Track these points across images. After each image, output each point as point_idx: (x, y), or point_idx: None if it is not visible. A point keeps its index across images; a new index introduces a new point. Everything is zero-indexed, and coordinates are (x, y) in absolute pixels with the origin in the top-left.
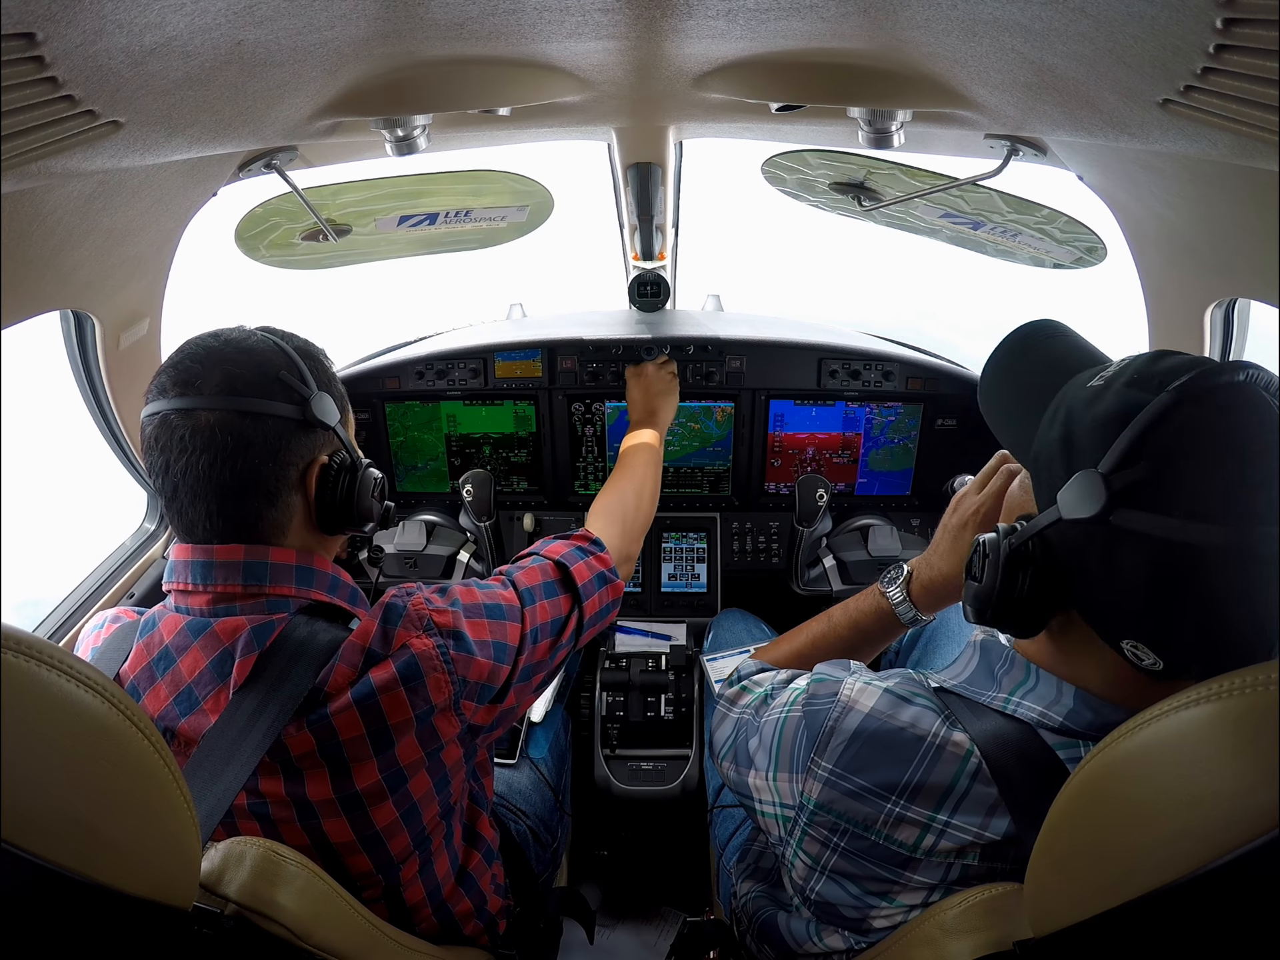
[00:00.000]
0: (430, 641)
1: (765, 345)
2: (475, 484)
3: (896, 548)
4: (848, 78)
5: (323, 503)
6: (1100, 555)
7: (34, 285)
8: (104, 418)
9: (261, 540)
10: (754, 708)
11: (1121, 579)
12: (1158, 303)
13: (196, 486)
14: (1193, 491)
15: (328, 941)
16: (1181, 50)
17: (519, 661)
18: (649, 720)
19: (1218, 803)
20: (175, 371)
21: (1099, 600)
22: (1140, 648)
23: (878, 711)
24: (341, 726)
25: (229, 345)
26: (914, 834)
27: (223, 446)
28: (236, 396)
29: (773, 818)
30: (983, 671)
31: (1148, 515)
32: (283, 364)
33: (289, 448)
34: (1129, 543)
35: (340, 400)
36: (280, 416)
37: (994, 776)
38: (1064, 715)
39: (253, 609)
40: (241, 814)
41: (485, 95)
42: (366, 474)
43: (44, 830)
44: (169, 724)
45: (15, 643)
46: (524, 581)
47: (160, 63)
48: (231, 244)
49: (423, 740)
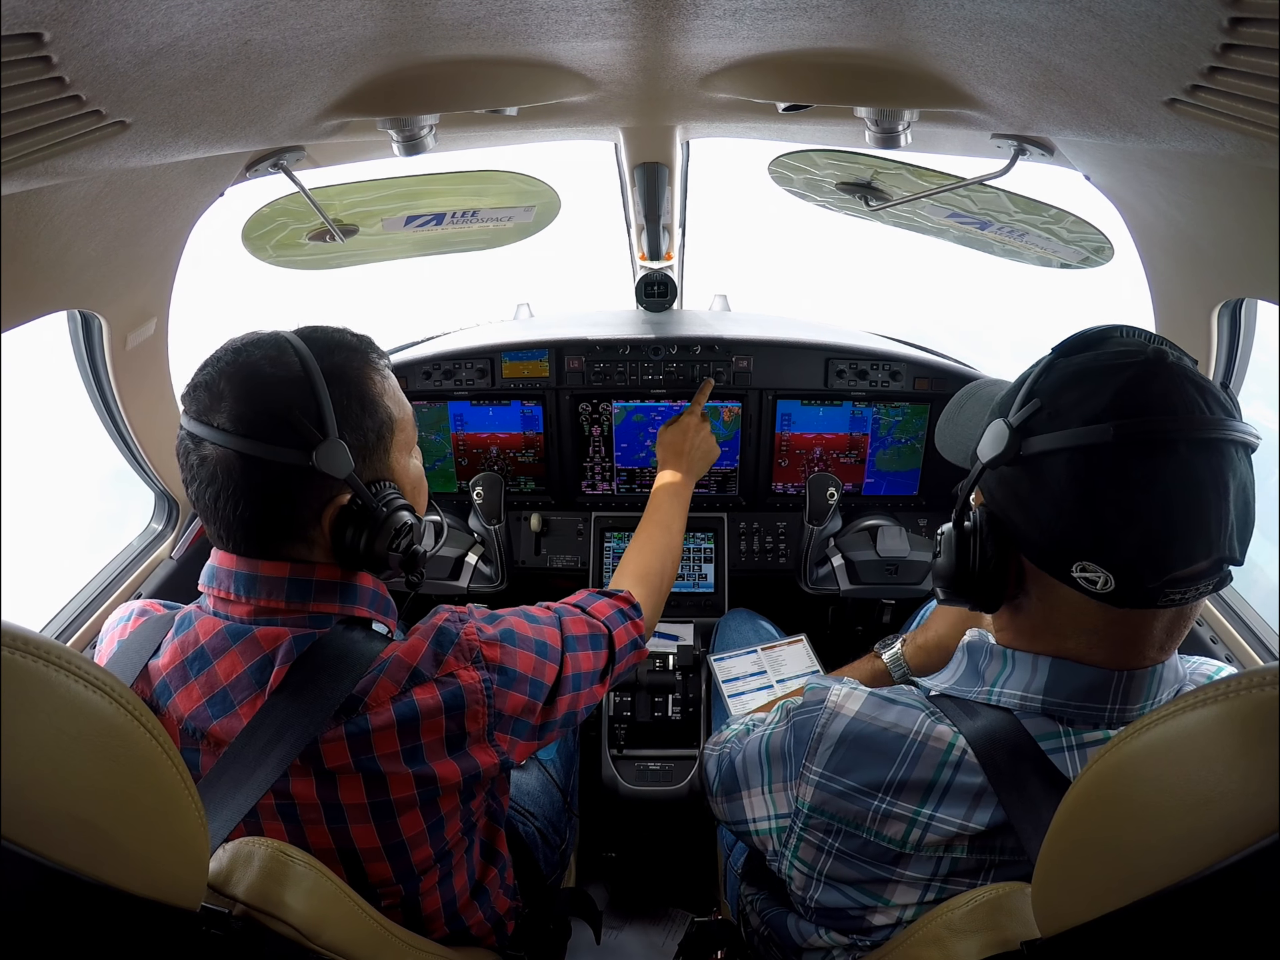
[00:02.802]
0: (478, 675)
1: (772, 345)
2: (485, 486)
3: (905, 548)
4: (854, 78)
5: (339, 543)
6: (1026, 489)
7: (41, 285)
8: (111, 418)
9: (296, 556)
10: (736, 738)
11: (1049, 501)
12: (1165, 303)
13: (220, 509)
14: (1079, 406)
15: (336, 942)
16: (1188, 50)
17: (556, 702)
18: (656, 720)
19: (1225, 803)
20: (195, 391)
21: (1040, 533)
22: (1090, 568)
23: (863, 714)
24: (380, 741)
25: (247, 369)
26: (901, 829)
27: (225, 485)
28: (240, 437)
29: (767, 832)
30: (970, 670)
31: (1050, 435)
32: (295, 400)
33: (300, 491)
34: (1043, 465)
35: (379, 429)
36: (284, 464)
37: (981, 764)
38: (1043, 692)
39: (296, 622)
40: (267, 814)
41: (492, 95)
42: (390, 520)
43: (51, 831)
44: (200, 724)
45: (23, 643)
46: (570, 628)
47: (167, 63)
48: (239, 244)
49: (462, 765)
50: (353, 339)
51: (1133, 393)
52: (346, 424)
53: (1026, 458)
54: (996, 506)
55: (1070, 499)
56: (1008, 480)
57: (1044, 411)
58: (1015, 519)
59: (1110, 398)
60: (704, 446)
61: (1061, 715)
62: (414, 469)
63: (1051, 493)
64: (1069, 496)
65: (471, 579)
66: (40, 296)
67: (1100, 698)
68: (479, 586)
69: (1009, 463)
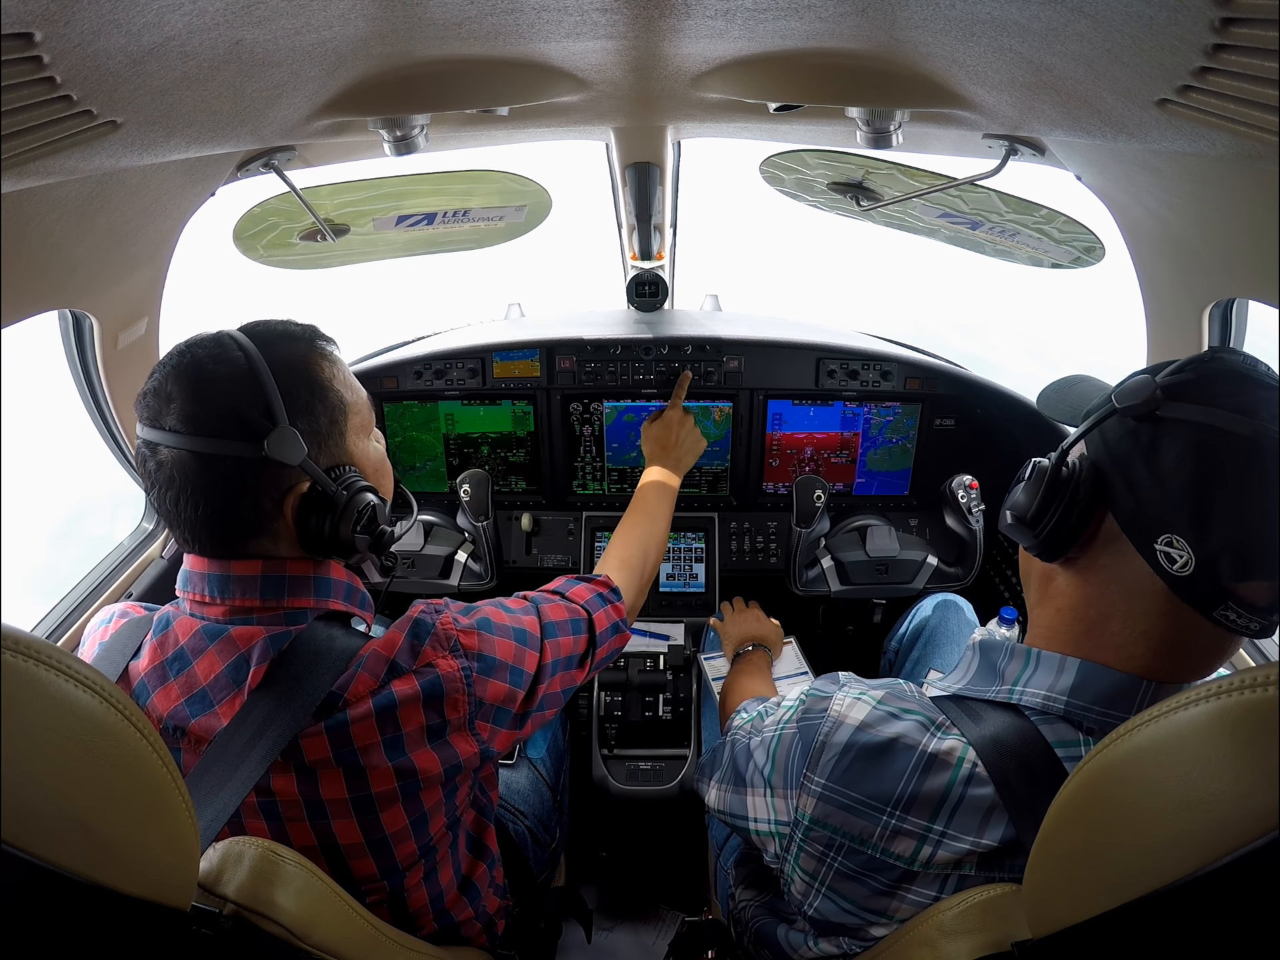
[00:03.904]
0: (456, 664)
1: (763, 345)
2: (473, 484)
3: (894, 548)
4: (846, 77)
5: (304, 531)
6: (1146, 448)
7: (32, 285)
8: (102, 417)
9: (263, 553)
10: (749, 726)
11: (1164, 469)
12: (1156, 303)
13: (181, 513)
14: (1233, 396)
15: (326, 941)
16: (1179, 50)
17: (538, 690)
18: (647, 720)
19: (1217, 804)
20: (145, 399)
21: (1139, 496)
22: (1176, 542)
23: (867, 725)
24: (359, 733)
25: (193, 370)
26: (911, 846)
27: (183, 486)
28: (191, 437)
29: (769, 835)
30: (984, 669)
31: (1194, 406)
32: (244, 393)
33: (256, 483)
34: (1175, 432)
35: (331, 414)
36: (237, 457)
37: (991, 777)
38: (1067, 694)
39: (270, 620)
40: (249, 812)
41: (484, 95)
42: (352, 502)
43: (42, 830)
44: (179, 723)
45: (14, 642)
46: (549, 614)
47: (158, 63)
48: (230, 243)
49: (441, 755)
50: (297, 328)
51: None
52: (297, 411)
53: (1161, 419)
54: (1105, 457)
55: (1187, 473)
56: (1128, 435)
57: (1198, 384)
58: (1120, 475)
59: (1264, 402)
60: (690, 439)
61: (1082, 722)
62: (374, 452)
63: (1169, 461)
64: (1186, 470)
65: (462, 577)
66: (31, 296)
67: (1124, 706)
68: (470, 585)
69: (1140, 417)
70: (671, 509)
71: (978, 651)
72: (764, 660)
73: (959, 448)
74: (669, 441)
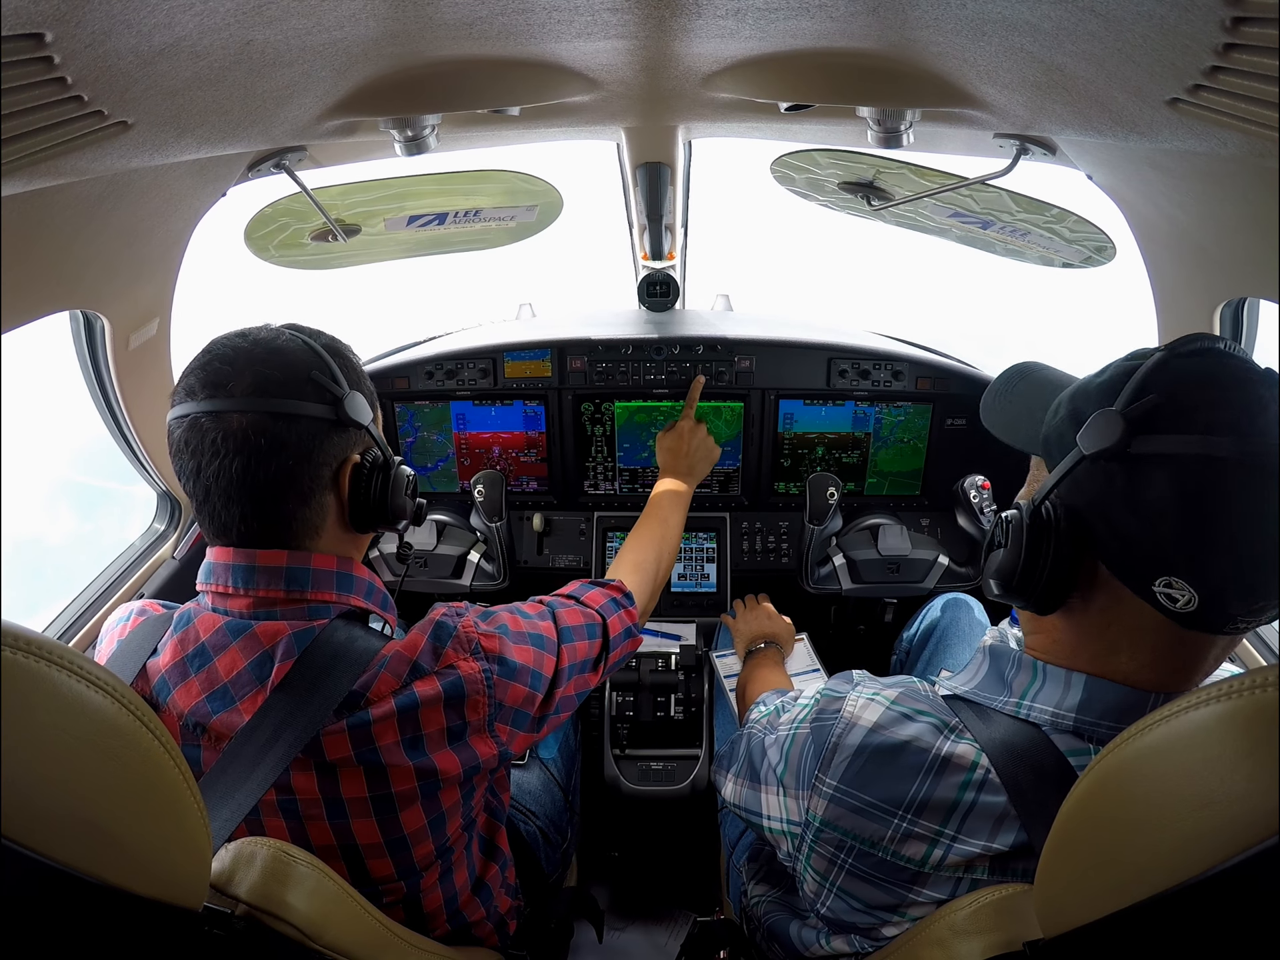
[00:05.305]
0: (477, 666)
1: (775, 345)
2: (487, 484)
3: (906, 547)
4: (857, 77)
5: (356, 501)
6: (1124, 490)
7: (43, 286)
8: (114, 418)
9: (295, 540)
10: (765, 721)
11: (1148, 509)
12: (1167, 302)
13: (230, 489)
14: (1207, 410)
15: (338, 942)
16: (1190, 49)
17: (555, 694)
18: (659, 720)
19: (1227, 805)
20: (204, 373)
21: (1127, 541)
22: (1175, 583)
23: (880, 726)
24: (380, 732)
25: (258, 345)
26: (922, 849)
27: (256, 449)
28: (268, 398)
29: (782, 834)
30: (993, 677)
31: (1167, 436)
32: (313, 363)
33: (322, 448)
34: (1152, 468)
35: (370, 397)
36: (313, 417)
37: (1004, 784)
38: (1075, 711)
39: (294, 614)
40: (269, 810)
41: (495, 95)
42: (399, 471)
43: (54, 831)
44: (200, 719)
45: (25, 643)
46: (565, 619)
47: (169, 63)
48: (241, 244)
49: (461, 756)
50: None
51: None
52: (354, 386)
53: (1135, 456)
54: (1082, 503)
55: (1173, 510)
56: (1103, 477)
57: (1166, 409)
58: (1102, 520)
59: (1238, 411)
60: (703, 448)
61: (1092, 735)
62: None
63: (1152, 500)
64: (1171, 508)
65: (474, 577)
66: (42, 297)
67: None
68: (482, 585)
69: (1111, 458)
70: (684, 516)
71: (987, 656)
72: (777, 657)
73: (970, 448)
74: (682, 450)
